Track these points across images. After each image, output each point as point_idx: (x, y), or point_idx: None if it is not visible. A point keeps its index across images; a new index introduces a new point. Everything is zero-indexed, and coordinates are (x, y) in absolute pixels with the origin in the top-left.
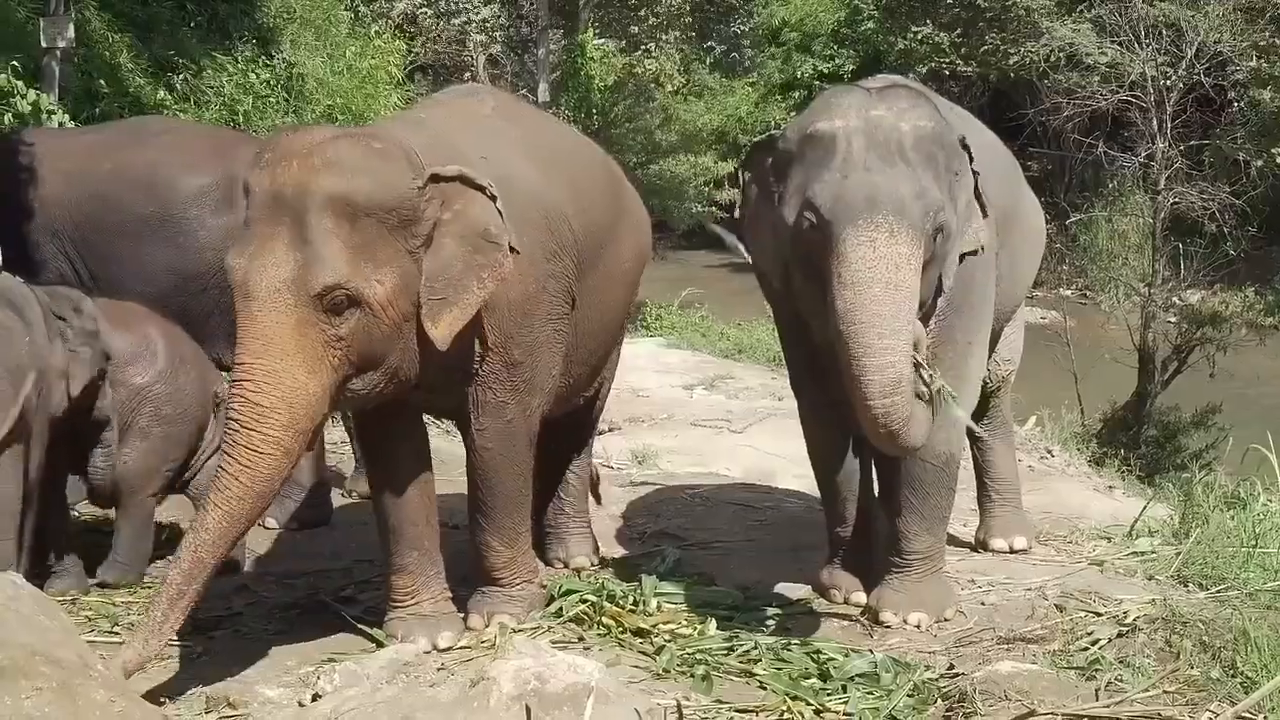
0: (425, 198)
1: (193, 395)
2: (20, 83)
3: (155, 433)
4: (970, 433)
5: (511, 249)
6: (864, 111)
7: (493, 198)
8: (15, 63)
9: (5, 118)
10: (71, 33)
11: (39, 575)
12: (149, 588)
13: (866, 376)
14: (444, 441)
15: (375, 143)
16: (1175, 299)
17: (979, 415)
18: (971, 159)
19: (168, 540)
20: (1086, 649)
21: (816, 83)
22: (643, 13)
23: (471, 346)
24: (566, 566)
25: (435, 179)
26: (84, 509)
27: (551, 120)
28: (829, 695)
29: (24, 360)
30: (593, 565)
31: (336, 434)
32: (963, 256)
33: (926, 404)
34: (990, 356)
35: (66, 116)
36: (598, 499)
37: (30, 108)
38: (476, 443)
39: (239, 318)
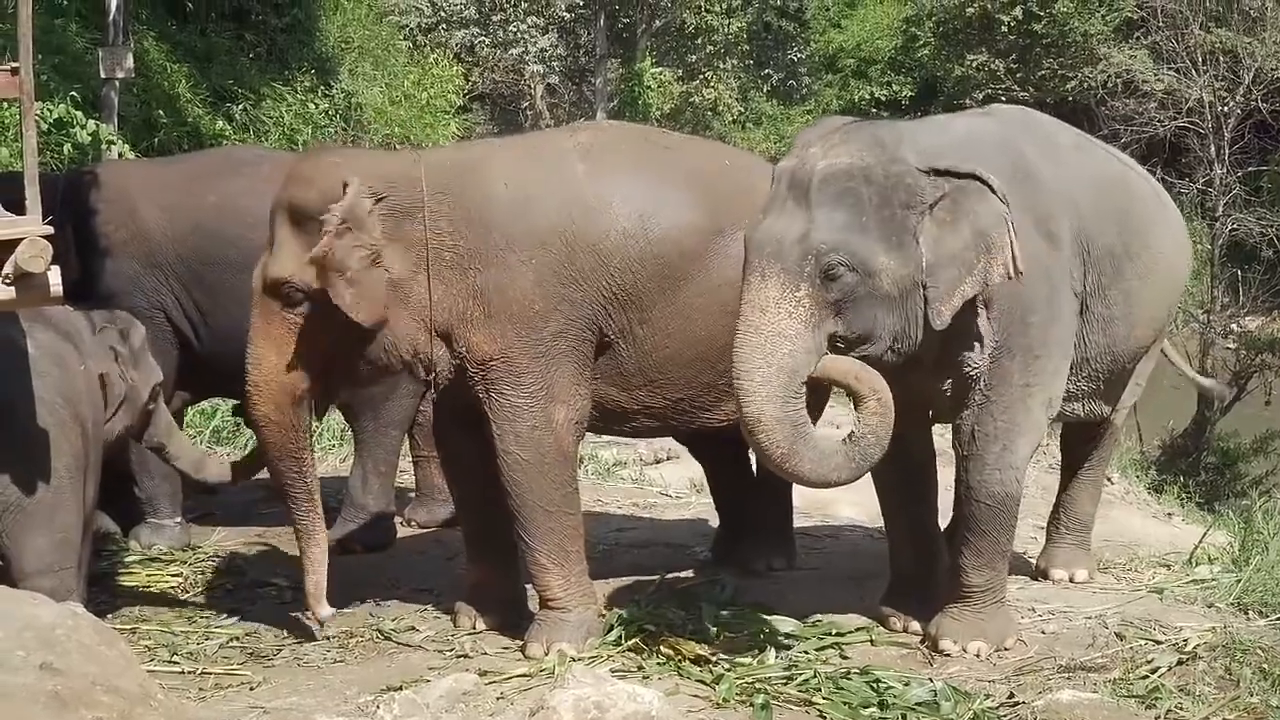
0: (362, 208)
1: None
2: (79, 113)
3: None
4: None
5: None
6: (804, 150)
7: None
8: (74, 93)
9: (65, 148)
10: (130, 63)
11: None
12: (208, 621)
13: (739, 411)
14: None
15: (335, 158)
16: (1234, 325)
17: (1080, 457)
18: (992, 194)
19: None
20: (1147, 677)
21: (874, 110)
22: (700, 41)
23: (473, 350)
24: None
25: (367, 191)
26: None
27: (666, 155)
28: None
29: (80, 389)
30: None
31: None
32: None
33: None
34: (1116, 401)
35: (126, 146)
36: None
37: (90, 138)
38: (499, 448)
39: None
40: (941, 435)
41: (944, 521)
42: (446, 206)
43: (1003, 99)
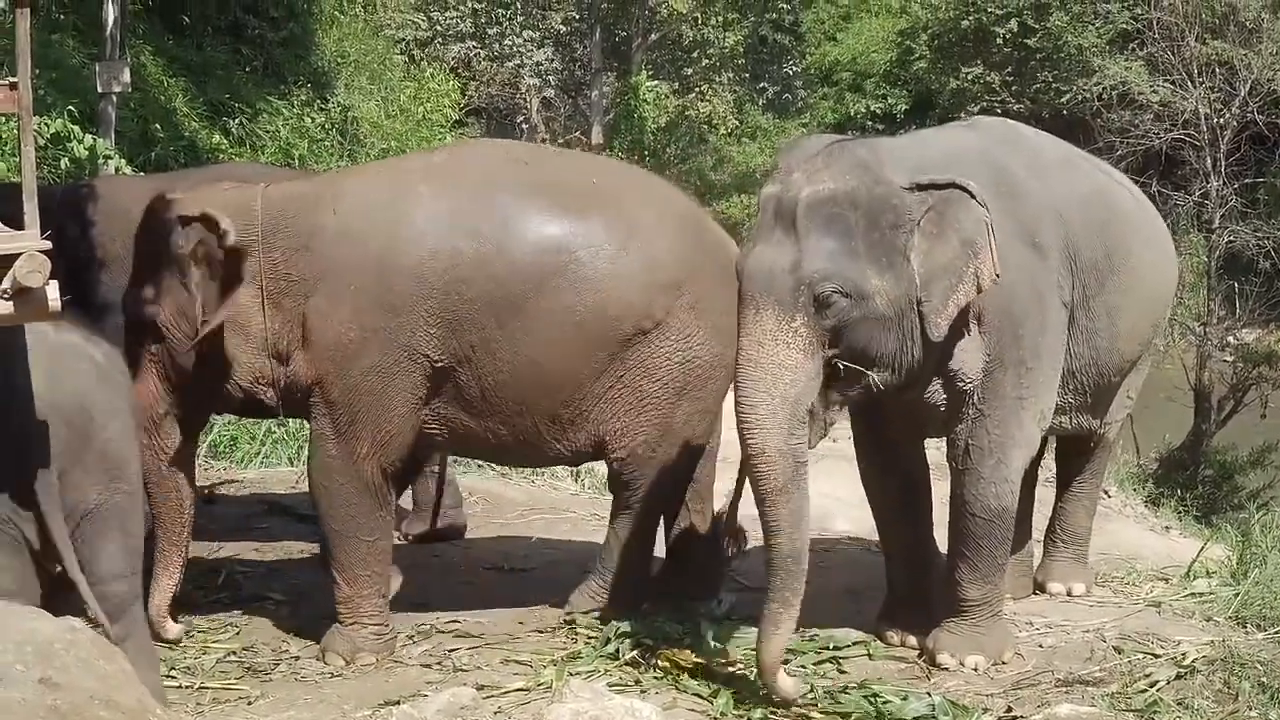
0: (185, 238)
1: None
2: (76, 127)
3: None
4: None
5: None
6: (788, 176)
7: (223, 234)
8: (71, 107)
9: (62, 162)
10: (127, 77)
11: None
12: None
13: (743, 442)
14: (499, 485)
15: (175, 194)
16: (1230, 338)
17: (1074, 470)
18: (980, 205)
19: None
20: (1145, 691)
21: (869, 123)
22: (696, 54)
23: (295, 376)
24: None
25: (185, 221)
26: None
27: (520, 173)
28: None
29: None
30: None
31: None
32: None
33: None
34: (1104, 414)
35: (123, 161)
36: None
37: (86, 152)
38: (308, 468)
39: None
40: (936, 448)
41: (939, 535)
42: (280, 237)
43: (998, 111)
